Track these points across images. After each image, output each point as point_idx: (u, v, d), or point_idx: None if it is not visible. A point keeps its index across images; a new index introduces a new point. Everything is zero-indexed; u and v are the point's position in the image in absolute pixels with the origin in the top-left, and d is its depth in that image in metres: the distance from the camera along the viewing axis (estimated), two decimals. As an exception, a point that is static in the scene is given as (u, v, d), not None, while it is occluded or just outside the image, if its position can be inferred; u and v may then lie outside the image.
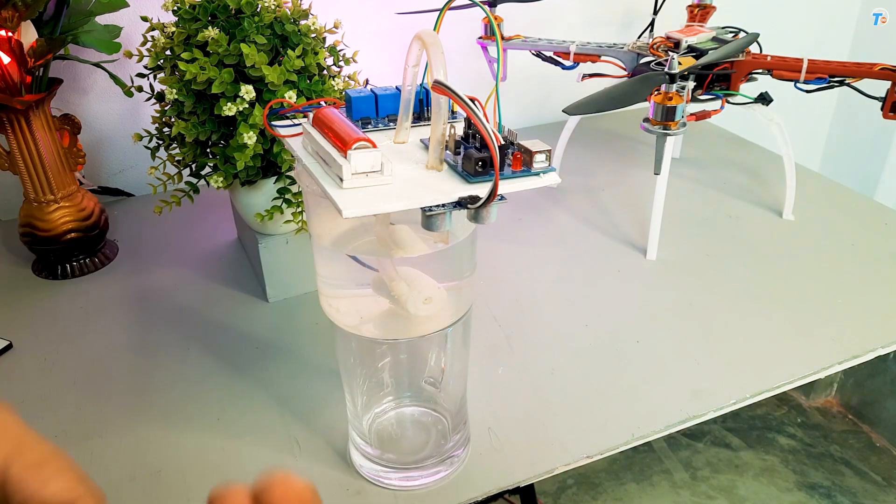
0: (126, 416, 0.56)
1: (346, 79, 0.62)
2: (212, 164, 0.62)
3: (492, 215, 0.35)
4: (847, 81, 0.71)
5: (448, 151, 0.39)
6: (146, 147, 0.65)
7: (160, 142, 0.64)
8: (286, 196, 0.63)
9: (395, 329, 0.45)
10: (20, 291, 0.73)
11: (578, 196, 0.89)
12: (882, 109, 0.70)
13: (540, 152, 0.37)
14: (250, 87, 0.57)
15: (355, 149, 0.36)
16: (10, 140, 0.69)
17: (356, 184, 0.36)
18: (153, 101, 0.65)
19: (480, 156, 0.36)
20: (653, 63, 0.77)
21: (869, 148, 1.39)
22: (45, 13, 0.69)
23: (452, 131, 0.39)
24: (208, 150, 0.62)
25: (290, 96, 0.58)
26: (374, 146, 0.36)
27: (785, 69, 0.73)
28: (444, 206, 0.35)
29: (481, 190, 0.35)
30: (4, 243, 0.82)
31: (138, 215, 0.87)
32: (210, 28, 0.56)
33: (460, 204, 0.35)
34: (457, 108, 0.44)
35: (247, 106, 0.57)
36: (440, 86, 0.35)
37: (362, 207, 0.35)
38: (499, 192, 0.34)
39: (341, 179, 0.36)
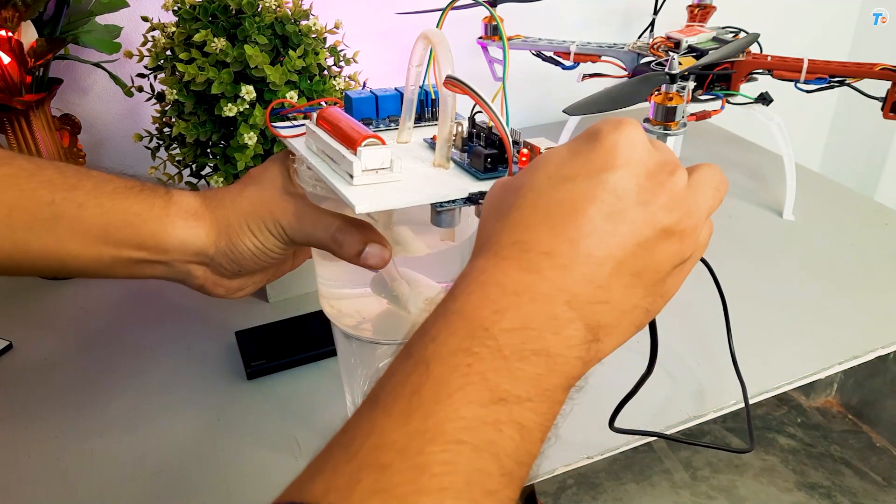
0: (126, 416, 0.56)
1: (347, 79, 0.62)
2: (212, 165, 0.62)
3: (501, 211, 0.35)
4: (847, 81, 0.71)
5: (454, 149, 0.39)
6: (146, 147, 0.65)
7: (160, 142, 0.64)
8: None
9: (395, 330, 0.45)
10: (20, 291, 0.73)
11: (578, 196, 0.89)
12: (882, 109, 0.70)
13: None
14: (251, 88, 0.57)
15: (365, 145, 0.35)
16: (10, 140, 0.69)
17: (366, 180, 0.36)
18: (153, 101, 0.65)
19: (489, 152, 0.36)
20: (653, 63, 0.77)
21: (869, 148, 1.39)
22: (45, 13, 0.69)
23: (459, 129, 0.39)
24: (208, 151, 0.62)
25: (292, 96, 0.58)
26: (384, 143, 0.36)
27: (785, 69, 0.73)
28: (455, 201, 0.35)
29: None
30: (4, 243, 0.82)
31: (138, 215, 0.87)
32: (218, 39, 0.56)
33: (471, 199, 0.35)
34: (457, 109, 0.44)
35: (247, 106, 0.57)
36: (454, 81, 0.35)
37: (376, 202, 0.34)
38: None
39: (351, 176, 0.36)
